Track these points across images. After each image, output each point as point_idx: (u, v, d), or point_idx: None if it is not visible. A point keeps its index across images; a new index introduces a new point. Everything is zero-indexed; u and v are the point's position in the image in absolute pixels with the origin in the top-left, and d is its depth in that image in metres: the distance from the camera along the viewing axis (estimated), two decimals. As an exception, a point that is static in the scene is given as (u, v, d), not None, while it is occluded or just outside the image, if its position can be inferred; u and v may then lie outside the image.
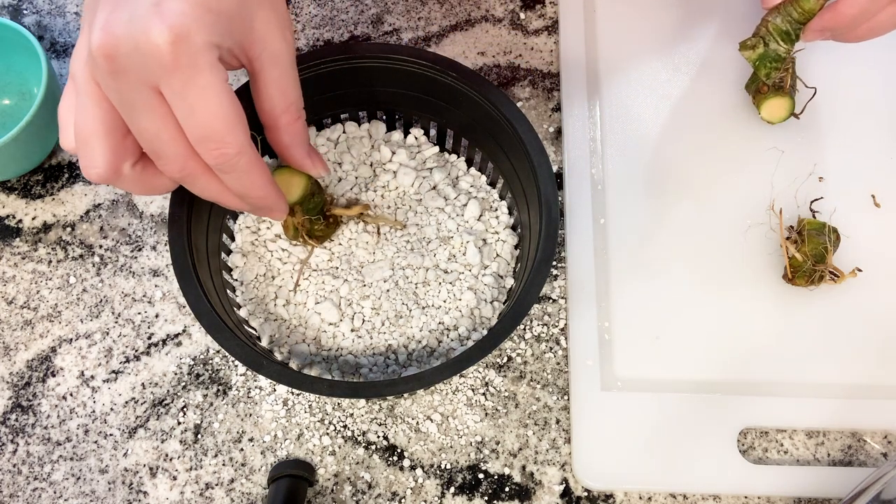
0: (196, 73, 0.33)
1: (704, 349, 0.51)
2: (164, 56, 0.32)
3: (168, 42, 0.32)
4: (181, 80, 0.33)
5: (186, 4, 0.33)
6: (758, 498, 0.48)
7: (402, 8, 0.63)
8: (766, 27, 0.49)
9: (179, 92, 0.34)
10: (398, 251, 0.49)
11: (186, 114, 0.34)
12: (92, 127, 0.35)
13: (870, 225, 0.54)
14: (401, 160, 0.52)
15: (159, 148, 0.35)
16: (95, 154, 0.35)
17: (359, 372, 0.47)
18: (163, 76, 0.33)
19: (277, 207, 0.41)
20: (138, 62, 0.33)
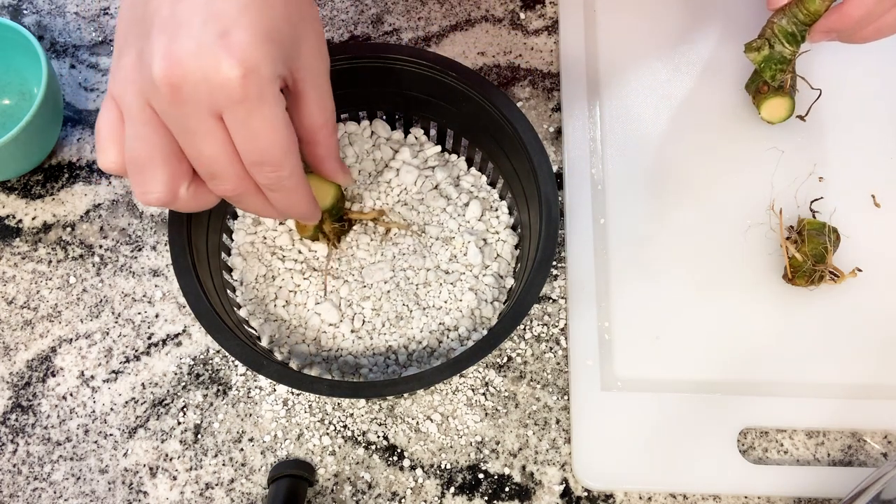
0: (262, 104, 0.34)
1: (704, 349, 0.51)
2: (234, 89, 0.33)
3: (239, 76, 0.33)
4: (247, 110, 0.34)
5: (252, 36, 0.33)
6: (758, 498, 0.48)
7: (402, 8, 0.63)
8: (772, 29, 0.49)
9: (244, 120, 0.35)
10: (399, 252, 0.49)
11: (248, 140, 0.35)
12: (150, 153, 0.36)
13: (870, 225, 0.54)
14: (404, 158, 0.52)
15: (217, 170, 0.36)
16: (155, 180, 0.36)
17: (359, 372, 0.47)
18: (228, 106, 0.34)
19: (314, 217, 0.43)
20: (205, 93, 0.33)
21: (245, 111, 0.34)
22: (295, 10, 0.36)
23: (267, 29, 0.34)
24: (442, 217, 0.50)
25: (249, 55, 0.33)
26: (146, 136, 0.35)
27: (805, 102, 0.57)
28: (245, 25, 0.33)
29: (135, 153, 0.36)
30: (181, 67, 0.33)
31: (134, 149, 0.36)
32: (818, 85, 0.58)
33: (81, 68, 0.60)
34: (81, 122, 0.58)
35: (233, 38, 0.33)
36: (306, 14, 0.37)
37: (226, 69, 0.33)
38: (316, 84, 0.38)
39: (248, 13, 0.33)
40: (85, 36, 0.61)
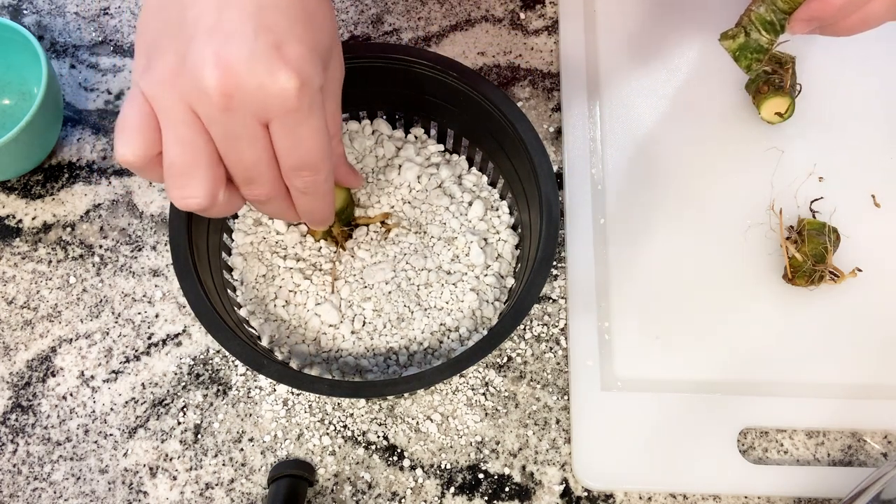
0: (312, 113, 0.35)
1: (704, 349, 0.51)
2: (290, 100, 0.34)
3: (296, 87, 0.33)
4: (297, 120, 0.35)
5: (304, 49, 0.34)
6: (758, 498, 0.48)
7: (402, 8, 0.63)
8: (749, 16, 0.48)
9: (293, 128, 0.35)
10: (401, 252, 0.49)
11: (293, 147, 0.36)
12: (193, 159, 0.36)
13: (870, 225, 0.54)
14: (407, 155, 0.52)
15: (255, 176, 0.37)
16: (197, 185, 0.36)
17: (359, 372, 0.47)
18: (280, 115, 0.34)
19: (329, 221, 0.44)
20: (259, 101, 0.34)
21: (296, 120, 0.35)
22: (332, 24, 0.37)
23: (315, 42, 0.35)
24: (445, 216, 0.50)
25: (304, 67, 0.34)
26: (190, 141, 0.35)
27: (805, 102, 0.57)
28: (297, 39, 0.34)
29: (177, 157, 0.36)
30: (235, 76, 0.33)
31: (176, 153, 0.36)
32: (815, 85, 0.58)
33: (81, 68, 0.60)
34: (81, 122, 0.58)
35: (287, 50, 0.34)
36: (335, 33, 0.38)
37: (283, 80, 0.33)
38: (335, 95, 0.40)
39: (298, 27, 0.34)
40: (85, 36, 0.61)
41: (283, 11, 0.34)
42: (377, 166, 0.52)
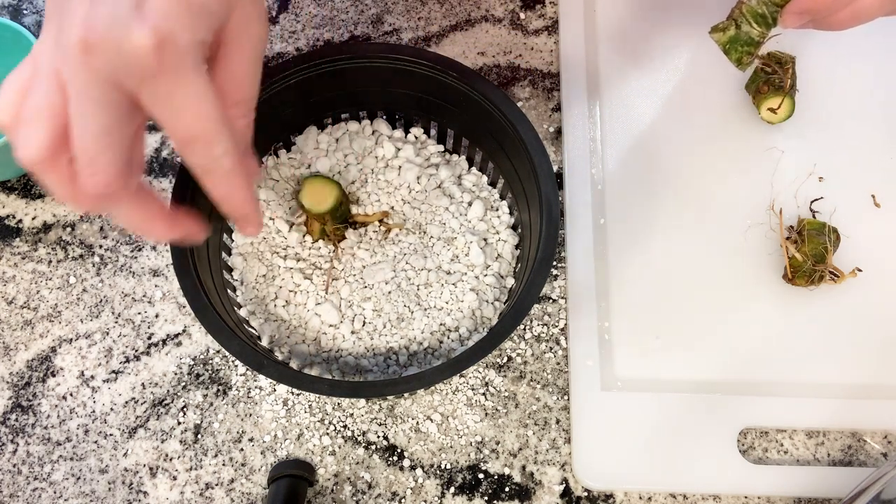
0: (181, 74, 0.32)
1: (704, 349, 0.51)
2: (147, 59, 0.31)
3: (152, 45, 0.31)
4: (167, 83, 0.32)
5: (169, 3, 0.31)
6: (758, 498, 0.48)
7: (402, 8, 0.63)
8: (740, 9, 0.47)
9: (165, 95, 0.33)
10: (401, 252, 0.49)
11: (173, 115, 0.33)
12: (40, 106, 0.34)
13: (870, 225, 0.54)
14: (407, 155, 0.52)
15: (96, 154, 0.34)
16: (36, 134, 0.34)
17: (359, 372, 0.47)
18: (145, 79, 0.32)
19: (254, 219, 0.39)
20: (117, 64, 0.31)
21: (165, 84, 0.32)
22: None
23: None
24: (444, 216, 0.50)
25: (163, 23, 0.31)
26: (44, 92, 0.34)
27: (805, 102, 0.57)
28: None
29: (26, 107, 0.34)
30: (95, 34, 0.31)
31: (27, 104, 0.34)
32: (818, 84, 0.58)
33: (81, 68, 0.60)
34: (81, 122, 0.58)
35: (147, 5, 0.31)
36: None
37: (137, 38, 0.31)
38: (240, 53, 0.36)
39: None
40: (85, 36, 0.61)
41: None
42: (377, 166, 0.52)
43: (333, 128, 0.53)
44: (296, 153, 0.52)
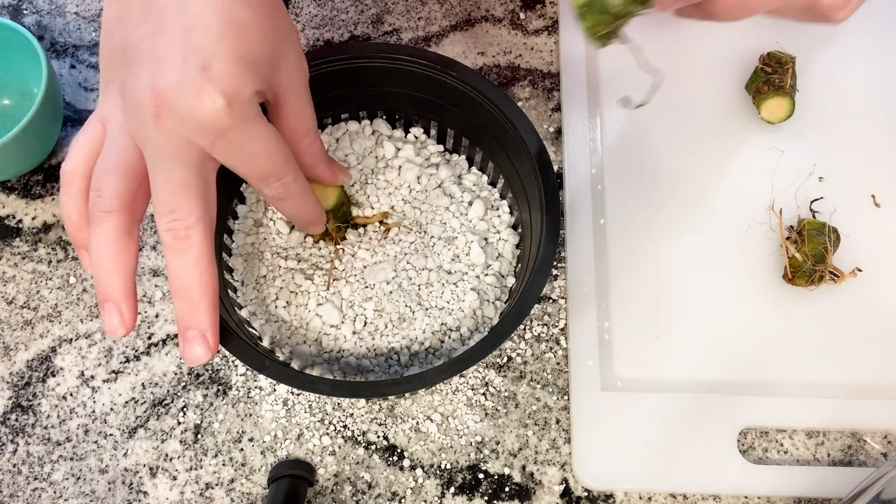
0: (250, 123, 0.36)
1: (704, 349, 0.51)
2: (221, 118, 0.34)
3: (224, 106, 0.34)
4: (239, 135, 0.35)
5: (230, 65, 0.35)
6: (758, 498, 0.48)
7: (402, 8, 0.63)
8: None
9: (240, 144, 0.36)
10: (401, 251, 0.49)
11: (249, 161, 0.37)
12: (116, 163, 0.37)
13: (870, 225, 0.54)
14: (407, 155, 0.52)
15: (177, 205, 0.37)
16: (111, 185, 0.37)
17: (361, 372, 0.47)
18: (218, 135, 0.35)
19: (321, 222, 0.45)
20: (191, 124, 0.34)
21: (237, 137, 0.35)
22: (270, 32, 0.37)
23: (243, 54, 0.35)
24: (445, 216, 0.50)
25: (229, 83, 0.34)
26: (118, 151, 0.37)
27: (805, 102, 0.57)
28: (223, 56, 0.34)
29: (103, 162, 0.37)
30: (166, 100, 0.34)
31: (103, 160, 0.37)
32: (818, 84, 0.58)
33: (81, 68, 0.60)
34: (81, 121, 0.58)
35: (213, 70, 0.34)
36: (283, 33, 0.38)
37: (210, 102, 0.34)
38: (296, 95, 0.40)
39: (225, 43, 0.35)
40: (85, 36, 0.61)
41: (210, 31, 0.34)
42: (377, 166, 0.52)
43: (333, 128, 0.53)
44: (296, 153, 0.52)
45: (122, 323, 0.37)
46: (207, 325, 0.37)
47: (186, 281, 0.37)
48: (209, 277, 0.37)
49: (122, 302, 0.37)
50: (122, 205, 0.37)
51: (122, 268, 0.37)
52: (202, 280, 0.37)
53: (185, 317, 0.37)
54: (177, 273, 0.37)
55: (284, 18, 0.38)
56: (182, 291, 0.37)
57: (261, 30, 0.36)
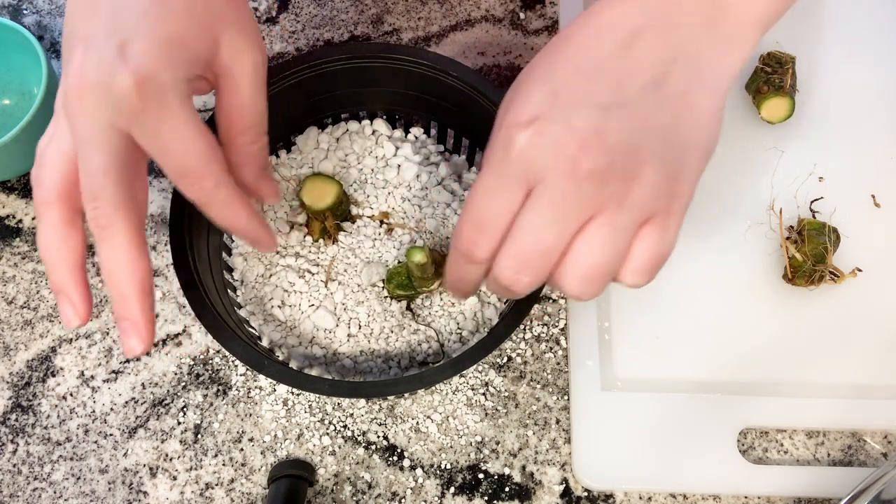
0: (165, 111, 0.34)
1: (704, 349, 0.51)
2: (131, 99, 0.33)
3: (134, 85, 0.33)
4: (152, 121, 0.34)
5: (149, 43, 0.33)
6: (758, 498, 0.48)
7: (402, 8, 0.63)
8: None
9: (153, 132, 0.34)
10: (401, 254, 0.49)
11: (163, 152, 0.35)
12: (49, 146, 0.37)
13: (870, 225, 0.54)
14: (406, 154, 0.52)
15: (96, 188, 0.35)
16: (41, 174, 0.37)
17: (359, 373, 0.47)
18: (132, 117, 0.34)
19: (263, 238, 0.40)
20: (107, 105, 0.33)
21: (151, 121, 0.34)
22: (203, 10, 0.35)
23: (166, 34, 0.34)
24: (446, 213, 0.50)
25: (144, 63, 0.33)
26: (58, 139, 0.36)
27: (805, 102, 0.57)
28: (143, 34, 0.33)
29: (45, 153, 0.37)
30: (86, 80, 0.33)
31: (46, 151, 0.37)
32: (818, 84, 0.58)
33: (81, 68, 0.60)
34: (81, 121, 0.58)
35: (129, 48, 0.33)
36: (221, 13, 0.36)
37: (120, 79, 0.33)
38: (235, 84, 0.37)
39: (146, 22, 0.34)
40: (85, 36, 0.61)
41: (135, 9, 0.34)
42: (377, 166, 0.52)
43: (333, 128, 0.53)
44: (296, 153, 0.52)
45: (75, 313, 0.37)
46: (139, 316, 0.36)
47: (113, 270, 0.35)
48: (137, 267, 0.35)
49: (71, 292, 0.37)
50: (59, 195, 0.36)
51: (66, 258, 0.37)
52: (130, 270, 0.35)
53: (118, 307, 0.36)
54: (104, 262, 0.36)
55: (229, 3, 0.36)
56: (111, 281, 0.36)
57: (191, 9, 0.35)
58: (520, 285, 0.35)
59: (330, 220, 0.48)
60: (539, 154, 0.33)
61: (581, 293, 0.35)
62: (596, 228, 0.33)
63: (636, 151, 0.33)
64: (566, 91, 0.34)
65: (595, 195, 0.33)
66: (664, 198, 0.34)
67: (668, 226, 0.35)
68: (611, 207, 0.33)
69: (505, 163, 0.34)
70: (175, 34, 0.34)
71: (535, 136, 0.33)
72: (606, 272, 0.34)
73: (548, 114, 0.33)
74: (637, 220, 0.34)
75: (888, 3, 0.61)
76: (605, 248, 0.34)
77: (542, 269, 0.35)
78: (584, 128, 0.33)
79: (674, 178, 0.34)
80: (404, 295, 0.47)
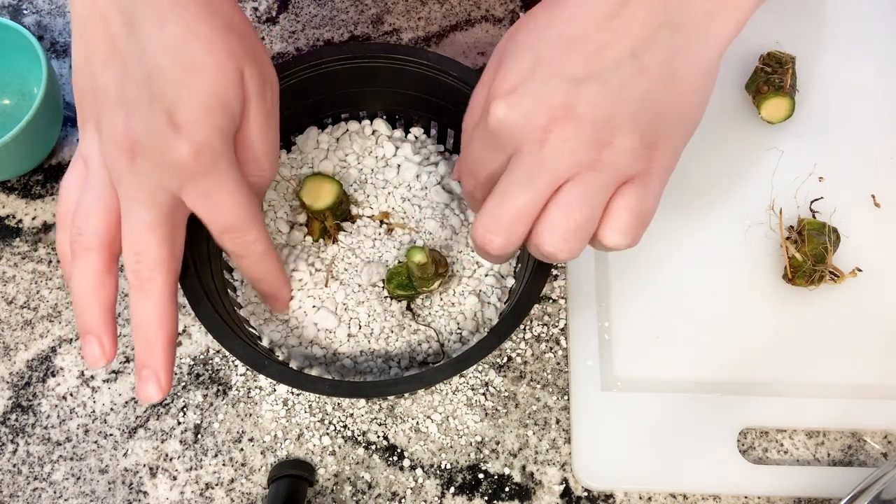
0: (218, 174, 0.36)
1: (704, 349, 0.51)
2: (189, 166, 0.35)
3: (192, 154, 0.35)
4: (205, 183, 0.36)
5: (194, 109, 0.35)
6: (758, 498, 0.48)
7: (402, 8, 0.63)
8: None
9: (205, 193, 0.36)
10: (401, 254, 0.49)
11: (211, 210, 0.37)
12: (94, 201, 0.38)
13: (870, 225, 0.54)
14: (405, 154, 0.52)
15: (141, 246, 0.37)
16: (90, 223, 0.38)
17: (359, 373, 0.47)
18: (187, 181, 0.36)
19: (284, 294, 0.45)
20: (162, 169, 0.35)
21: (203, 185, 0.36)
22: (227, 60, 0.36)
23: (205, 97, 0.35)
24: (446, 213, 0.50)
25: (196, 132, 0.35)
26: (98, 188, 0.37)
27: (805, 102, 0.57)
28: (185, 102, 0.35)
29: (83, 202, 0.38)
30: (139, 146, 0.35)
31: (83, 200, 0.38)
32: (818, 84, 0.58)
33: (81, 68, 0.60)
34: (81, 121, 0.58)
35: (179, 116, 0.34)
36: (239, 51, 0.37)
37: (178, 149, 0.34)
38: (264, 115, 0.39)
39: (184, 88, 0.35)
40: (85, 36, 0.61)
41: (168, 76, 0.35)
42: (376, 166, 0.52)
43: (333, 128, 0.53)
44: (296, 153, 0.52)
45: (103, 354, 0.38)
46: (161, 366, 0.38)
47: (145, 322, 0.38)
48: (167, 320, 0.38)
49: (102, 335, 0.38)
50: (101, 243, 0.37)
51: (101, 302, 0.38)
52: (160, 322, 0.38)
53: (141, 355, 0.38)
54: (137, 313, 0.38)
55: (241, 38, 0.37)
56: (141, 331, 0.38)
57: (217, 63, 0.35)
58: (491, 246, 0.37)
59: (330, 220, 0.48)
60: (513, 125, 0.35)
61: (557, 250, 0.36)
62: (568, 189, 0.35)
63: (607, 120, 0.34)
64: (544, 62, 0.35)
65: (564, 163, 0.35)
66: (641, 161, 0.35)
67: (648, 185, 0.36)
68: (583, 172, 0.35)
69: (486, 132, 0.36)
70: (213, 94, 0.35)
71: (509, 109, 0.35)
72: (581, 228, 0.36)
73: (523, 86, 0.35)
74: (612, 181, 0.35)
75: (888, 3, 0.61)
76: (579, 205, 0.35)
77: (513, 232, 0.36)
78: (554, 101, 0.34)
79: (650, 145, 0.35)
80: (404, 295, 0.47)
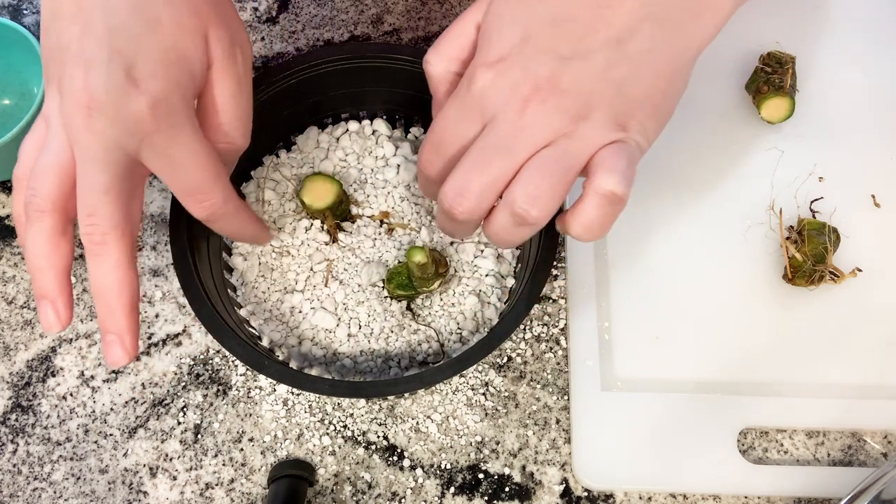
0: (177, 131, 0.35)
1: (704, 349, 0.51)
2: (146, 122, 0.34)
3: (148, 108, 0.34)
4: (164, 140, 0.35)
5: (154, 64, 0.34)
6: (758, 498, 0.48)
7: (402, 8, 0.63)
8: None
9: (163, 151, 0.35)
10: (401, 254, 0.49)
11: (173, 170, 0.36)
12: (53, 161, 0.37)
13: (870, 225, 0.54)
14: (405, 153, 0.52)
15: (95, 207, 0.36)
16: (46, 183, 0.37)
17: (359, 373, 0.47)
18: (144, 138, 0.35)
19: (264, 238, 0.46)
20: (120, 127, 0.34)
21: (161, 142, 0.35)
22: (191, 19, 0.36)
23: (164, 52, 0.35)
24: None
25: (154, 86, 0.34)
26: (55, 150, 0.37)
27: (805, 102, 0.57)
28: (145, 55, 0.34)
29: (40, 162, 0.37)
30: (96, 101, 0.34)
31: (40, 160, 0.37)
32: (818, 84, 0.58)
33: (81, 68, 0.60)
34: (81, 121, 0.58)
35: (137, 70, 0.34)
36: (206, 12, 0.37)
37: (133, 104, 0.34)
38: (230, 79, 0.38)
39: (144, 43, 0.34)
40: (85, 36, 0.61)
41: (130, 31, 0.34)
42: (376, 165, 0.52)
43: (333, 127, 0.53)
44: (296, 153, 0.52)
45: (57, 319, 0.38)
46: (125, 329, 0.37)
47: (103, 285, 0.37)
48: (127, 283, 0.37)
49: (56, 299, 0.38)
50: (54, 205, 0.37)
51: (55, 265, 0.37)
52: (119, 285, 0.37)
53: (104, 320, 0.37)
54: (95, 277, 0.37)
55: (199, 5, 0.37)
56: (100, 295, 0.37)
57: (177, 19, 0.35)
58: (459, 209, 0.37)
59: (330, 220, 0.49)
60: (496, 93, 0.36)
61: (528, 208, 0.36)
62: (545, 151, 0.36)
63: (587, 96, 0.35)
64: (535, 38, 0.36)
65: (542, 130, 0.36)
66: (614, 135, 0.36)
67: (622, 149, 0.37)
68: (559, 140, 0.36)
69: (467, 97, 0.37)
70: (171, 48, 0.35)
71: (496, 77, 0.36)
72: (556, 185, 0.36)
73: (512, 58, 0.36)
74: (585, 149, 0.36)
75: (888, 4, 0.61)
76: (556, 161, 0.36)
77: (484, 198, 0.37)
78: (540, 74, 0.35)
79: (624, 126, 0.36)
80: (404, 295, 0.47)
